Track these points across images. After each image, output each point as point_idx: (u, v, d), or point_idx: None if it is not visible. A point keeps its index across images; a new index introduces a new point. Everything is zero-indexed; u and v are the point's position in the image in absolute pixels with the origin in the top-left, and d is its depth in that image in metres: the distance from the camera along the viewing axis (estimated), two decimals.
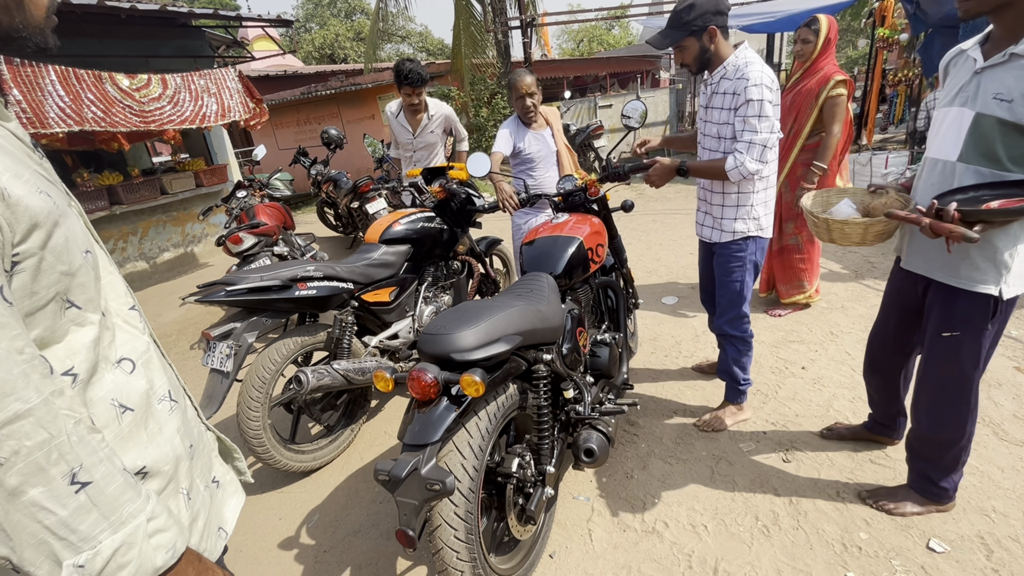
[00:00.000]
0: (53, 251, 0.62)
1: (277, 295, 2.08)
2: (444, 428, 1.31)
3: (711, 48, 1.91)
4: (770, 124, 1.85)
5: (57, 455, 0.55)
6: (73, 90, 3.94)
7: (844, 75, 2.76)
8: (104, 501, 0.58)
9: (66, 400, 0.58)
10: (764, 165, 1.89)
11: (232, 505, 0.91)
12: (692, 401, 2.56)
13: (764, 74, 1.82)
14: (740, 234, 2.05)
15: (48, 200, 0.62)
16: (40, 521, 0.53)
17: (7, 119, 0.67)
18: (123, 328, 0.75)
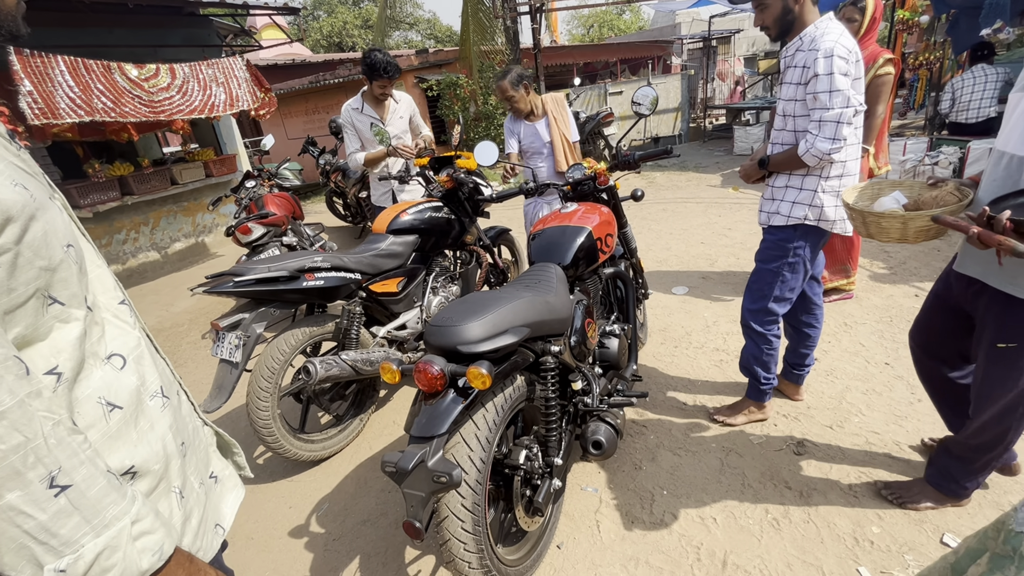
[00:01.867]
0: (30, 246, 0.60)
1: (285, 286, 2.08)
2: (451, 420, 1.30)
3: (795, 9, 1.75)
4: (843, 98, 1.68)
5: (34, 458, 0.54)
6: (83, 80, 3.95)
7: (891, 54, 2.67)
8: (86, 504, 0.58)
9: (44, 401, 0.57)
10: (840, 143, 1.72)
11: (230, 501, 0.91)
12: (703, 393, 2.53)
13: (839, 44, 1.66)
14: (794, 220, 1.89)
15: (24, 193, 0.60)
16: (19, 526, 0.53)
17: None
18: (113, 323, 0.74)
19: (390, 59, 3.11)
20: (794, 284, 1.99)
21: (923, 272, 3.48)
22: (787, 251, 1.95)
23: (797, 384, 2.35)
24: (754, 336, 2.10)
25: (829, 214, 1.87)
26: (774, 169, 1.95)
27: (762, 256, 2.05)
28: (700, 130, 11.63)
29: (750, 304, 2.10)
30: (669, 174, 7.97)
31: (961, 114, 5.01)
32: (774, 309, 2.03)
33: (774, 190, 1.99)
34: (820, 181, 1.85)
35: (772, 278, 2.00)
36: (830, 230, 1.90)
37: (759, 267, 2.06)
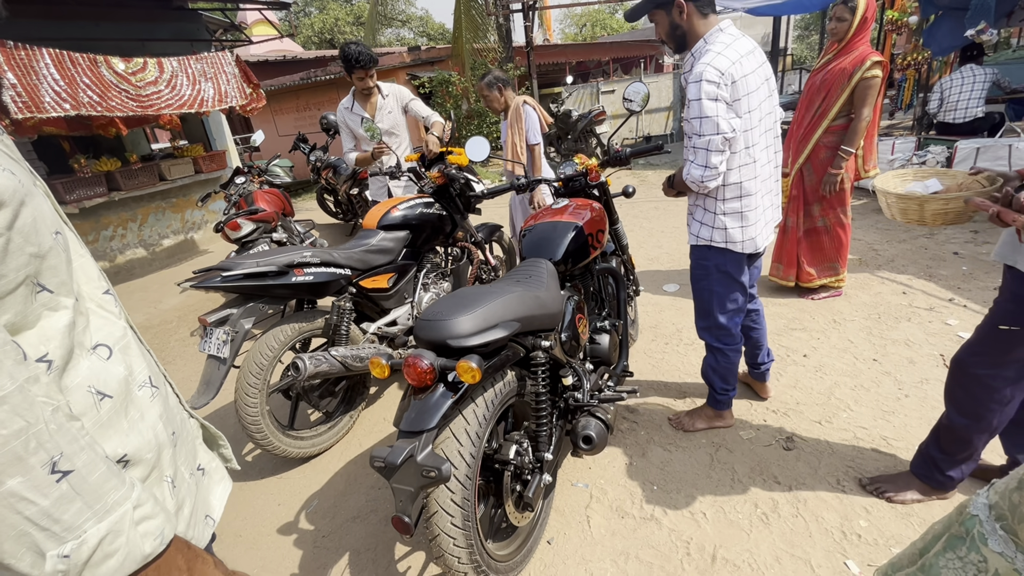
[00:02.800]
0: (20, 232, 0.59)
1: (274, 281, 2.06)
2: (440, 415, 1.29)
3: (681, 24, 1.71)
4: (712, 125, 1.62)
5: (36, 443, 0.53)
6: (68, 74, 3.89)
7: (880, 56, 2.67)
8: (87, 489, 0.57)
9: (42, 387, 0.56)
10: (712, 171, 1.68)
11: (218, 493, 0.90)
12: (692, 389, 2.54)
13: (709, 66, 1.60)
14: (703, 241, 1.90)
15: (12, 178, 0.59)
16: (20, 512, 0.52)
17: None
18: (97, 313, 0.73)
19: (364, 49, 3.11)
20: (732, 296, 1.97)
21: (911, 269, 3.52)
22: (707, 269, 1.95)
23: (762, 381, 2.36)
24: (712, 350, 2.09)
25: (735, 236, 1.83)
26: (677, 188, 1.94)
27: (692, 275, 2.05)
28: None
29: (700, 322, 2.09)
30: (661, 172, 8.00)
31: (949, 114, 5.07)
32: (723, 323, 2.01)
33: (689, 207, 1.99)
34: (718, 203, 1.82)
35: (707, 295, 1.99)
36: (740, 251, 1.86)
37: (693, 286, 2.06)
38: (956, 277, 3.32)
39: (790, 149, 3.07)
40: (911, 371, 2.45)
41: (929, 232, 4.16)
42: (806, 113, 2.97)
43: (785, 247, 3.26)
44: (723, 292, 1.96)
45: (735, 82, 1.64)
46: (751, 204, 1.81)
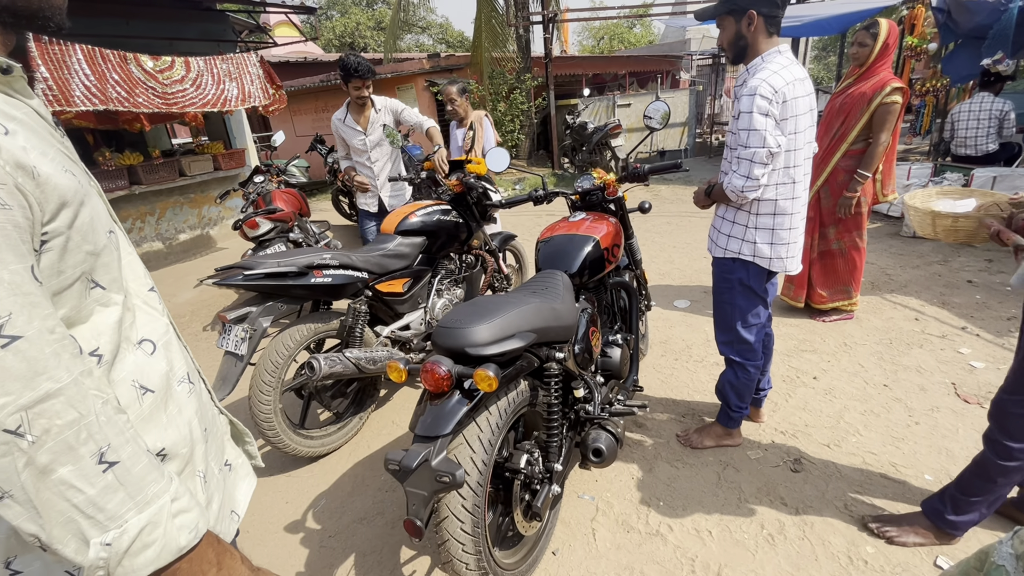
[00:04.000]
0: (79, 230, 0.63)
1: (293, 281, 2.10)
2: (456, 421, 1.31)
3: (747, 35, 1.75)
4: (759, 138, 1.67)
5: (86, 434, 0.56)
6: (98, 69, 3.99)
7: (901, 83, 2.69)
8: (131, 480, 0.59)
9: (94, 380, 0.59)
10: (753, 183, 1.72)
11: (244, 489, 0.92)
12: (701, 407, 2.55)
13: (766, 82, 1.66)
14: (730, 253, 1.92)
15: (73, 179, 0.63)
16: (69, 499, 0.54)
17: (30, 96, 0.66)
18: (143, 309, 0.76)
19: (362, 60, 3.18)
20: (753, 310, 1.98)
21: (924, 296, 3.50)
22: (731, 283, 1.96)
23: (757, 407, 2.36)
24: (733, 365, 2.09)
25: (764, 251, 1.85)
26: (715, 199, 1.97)
27: (715, 288, 2.07)
28: (706, 145, 11.70)
29: (721, 336, 2.10)
30: (674, 188, 8.02)
31: (960, 148, 5.04)
32: (745, 336, 2.02)
33: (715, 218, 2.02)
34: (751, 217, 1.85)
35: (730, 309, 2.01)
36: (767, 268, 1.88)
37: (715, 300, 2.08)
38: (970, 305, 3.30)
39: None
40: (922, 398, 2.44)
41: (943, 259, 4.14)
42: (824, 136, 2.98)
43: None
44: (746, 306, 1.98)
45: (786, 102, 1.69)
46: (784, 223, 1.84)
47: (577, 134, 8.92)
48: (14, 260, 0.53)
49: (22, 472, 0.52)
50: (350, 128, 3.42)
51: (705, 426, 2.30)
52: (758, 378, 2.26)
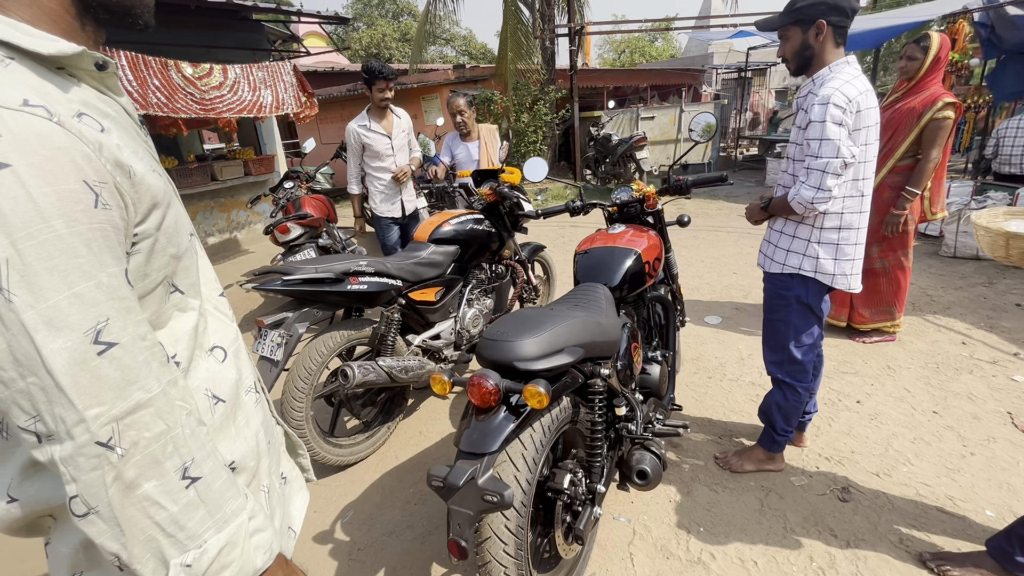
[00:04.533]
0: (166, 232, 0.60)
1: (330, 287, 2.08)
2: (503, 438, 1.27)
3: (814, 45, 1.70)
4: (832, 148, 1.61)
5: (172, 448, 0.53)
6: (141, 75, 4.09)
7: (953, 97, 2.60)
8: (211, 498, 0.56)
9: (179, 390, 0.56)
10: (824, 194, 1.65)
11: (298, 503, 0.89)
12: (738, 428, 2.46)
13: (839, 91, 1.61)
14: (789, 269, 1.84)
15: (160, 179, 0.61)
16: (151, 516, 0.51)
17: (119, 93, 0.64)
18: (214, 315, 0.74)
19: (385, 63, 3.29)
20: (809, 329, 1.91)
21: (970, 319, 3.36)
22: (788, 300, 1.89)
23: (801, 431, 2.27)
24: (782, 386, 2.00)
25: (827, 267, 1.78)
26: (773, 212, 1.90)
27: (767, 305, 1.99)
28: (730, 159, 11.58)
29: (771, 356, 2.02)
30: (699, 202, 7.92)
31: (1004, 166, 4.88)
32: (797, 356, 1.93)
33: (771, 233, 1.95)
34: (815, 231, 1.78)
35: (784, 327, 1.93)
36: (830, 284, 1.81)
37: (767, 316, 2.00)
38: (1021, 331, 3.15)
39: None
40: (976, 428, 2.32)
41: (987, 280, 3.99)
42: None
43: None
44: (801, 325, 1.90)
45: (859, 112, 1.65)
46: (849, 238, 1.77)
47: (601, 146, 8.90)
48: (112, 263, 0.51)
49: (110, 487, 0.49)
50: (375, 133, 3.40)
51: (745, 449, 2.21)
52: (807, 400, 2.18)
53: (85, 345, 0.48)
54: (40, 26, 0.54)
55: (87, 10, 0.60)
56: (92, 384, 0.48)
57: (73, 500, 0.49)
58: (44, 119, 0.48)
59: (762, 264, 1.99)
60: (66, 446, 0.48)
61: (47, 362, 0.46)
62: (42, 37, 0.53)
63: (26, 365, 0.46)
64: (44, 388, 0.46)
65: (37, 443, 0.48)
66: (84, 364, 0.48)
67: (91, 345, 0.48)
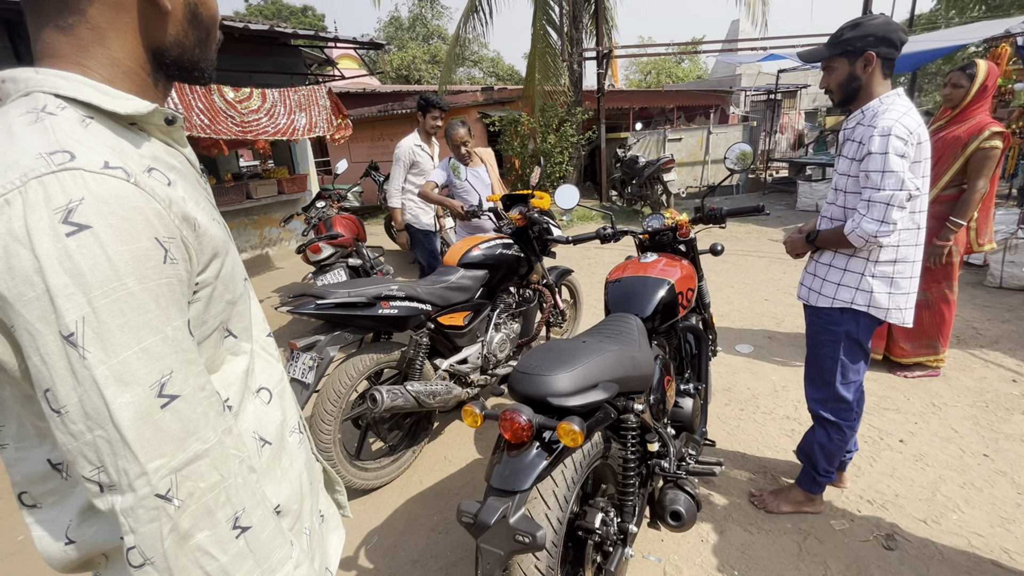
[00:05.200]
0: (223, 280, 0.62)
1: (361, 312, 2.11)
2: (536, 476, 1.24)
3: (861, 77, 1.67)
4: (897, 180, 1.57)
5: (225, 497, 0.53)
6: (186, 99, 4.28)
7: (1001, 127, 2.53)
8: (260, 547, 0.56)
9: (233, 438, 0.57)
10: (888, 227, 1.60)
11: (335, 542, 0.88)
12: (773, 464, 2.37)
13: (899, 123, 1.58)
14: (840, 303, 1.78)
15: (220, 228, 0.62)
16: (203, 567, 0.51)
17: (184, 144, 0.67)
18: (261, 356, 0.74)
19: (440, 96, 3.67)
20: (856, 365, 1.85)
21: (1020, 354, 3.20)
22: (837, 335, 1.82)
23: (841, 471, 2.17)
24: (826, 425, 1.92)
25: (881, 301, 1.73)
26: (821, 245, 1.84)
27: (812, 340, 1.92)
28: (760, 182, 11.42)
29: (815, 393, 1.94)
30: (729, 225, 7.80)
31: None
32: (843, 395, 1.86)
33: (818, 266, 1.88)
34: (868, 264, 1.73)
35: (831, 364, 1.86)
36: (884, 319, 1.76)
37: (812, 352, 1.93)
38: None
39: None
40: None
41: None
42: None
43: None
44: (849, 361, 1.84)
45: (920, 144, 1.62)
46: (904, 271, 1.73)
47: (628, 167, 8.89)
48: (177, 315, 0.52)
49: (166, 538, 0.49)
50: (426, 153, 3.74)
51: (783, 488, 2.13)
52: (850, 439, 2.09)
53: (150, 399, 0.48)
54: (118, 85, 0.57)
55: (160, 67, 0.63)
56: (154, 437, 0.48)
57: (131, 551, 0.49)
58: (122, 180, 0.50)
59: (805, 297, 1.93)
60: (127, 498, 0.48)
61: (114, 416, 0.47)
62: (120, 97, 0.55)
63: (95, 419, 0.47)
64: (110, 441, 0.47)
65: (99, 492, 0.49)
66: (148, 417, 0.48)
67: (155, 399, 0.49)
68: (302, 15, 31.70)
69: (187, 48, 0.64)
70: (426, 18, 29.22)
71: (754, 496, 2.14)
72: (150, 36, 0.60)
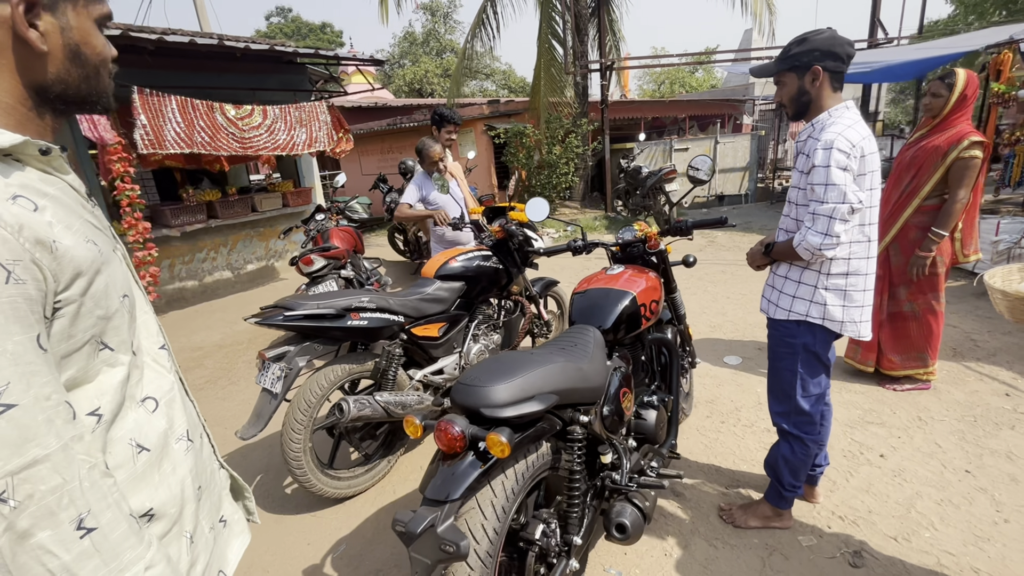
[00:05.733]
0: (93, 297, 0.66)
1: (331, 323, 2.15)
2: (466, 486, 1.26)
3: (810, 91, 1.69)
4: (838, 193, 1.57)
5: (68, 500, 0.57)
6: (188, 117, 4.44)
7: (981, 136, 2.49)
8: (107, 547, 0.60)
9: (84, 444, 0.61)
10: (832, 240, 1.60)
11: (236, 546, 0.91)
12: (748, 479, 2.34)
13: (842, 136, 1.59)
14: (796, 315, 1.77)
15: (94, 248, 0.67)
16: (44, 564, 0.55)
17: (66, 172, 0.72)
18: (151, 367, 0.79)
19: (453, 111, 3.74)
20: (816, 379, 1.84)
21: (1017, 367, 3.11)
22: (794, 348, 1.81)
23: (812, 485, 2.14)
24: (789, 438, 1.91)
25: (835, 314, 1.72)
26: (777, 258, 1.84)
27: (772, 352, 1.92)
28: (768, 191, 11.31)
29: (777, 406, 1.93)
30: (732, 235, 7.74)
31: None
32: (804, 408, 1.85)
33: (775, 278, 1.89)
34: (821, 277, 1.73)
35: (790, 376, 1.85)
36: (839, 331, 1.75)
37: (773, 365, 1.92)
38: None
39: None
40: (1014, 491, 2.12)
41: None
42: (894, 190, 2.79)
43: None
44: (808, 374, 1.83)
45: (864, 156, 1.63)
46: (858, 284, 1.73)
47: (631, 178, 8.89)
48: (19, 331, 0.56)
49: (1, 536, 0.53)
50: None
51: (752, 503, 2.10)
52: (816, 453, 2.06)
53: None
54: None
55: (45, 102, 0.68)
56: None
57: None
58: None
59: (765, 310, 1.93)
60: None
61: None
62: None
63: None
64: None
65: None
66: None
67: None
68: (320, 32, 32.55)
69: (71, 84, 0.69)
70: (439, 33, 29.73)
71: (723, 510, 2.12)
72: (28, 75, 0.65)
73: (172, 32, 4.58)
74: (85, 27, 0.68)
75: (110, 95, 0.75)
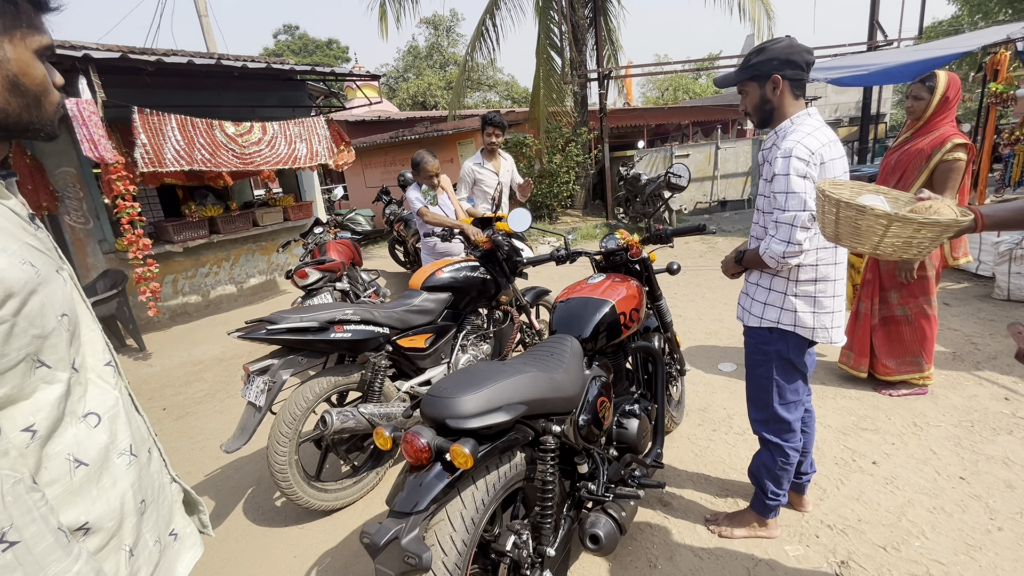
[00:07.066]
0: (27, 317, 0.68)
1: (314, 336, 2.17)
2: (431, 497, 1.26)
3: (772, 99, 1.71)
4: (799, 201, 1.57)
5: None
6: (188, 135, 4.53)
7: (964, 138, 2.47)
8: (30, 561, 0.61)
9: (9, 460, 0.62)
10: (795, 247, 1.60)
11: (186, 559, 0.92)
12: (738, 488, 2.31)
13: (801, 144, 1.59)
14: (768, 322, 1.78)
15: (30, 270, 0.69)
16: None
17: (7, 198, 0.74)
18: (95, 383, 0.80)
19: (498, 114, 3.86)
20: (792, 385, 1.83)
21: (1018, 371, 3.05)
22: (768, 355, 1.81)
23: (800, 494, 2.11)
24: (769, 446, 1.89)
25: (806, 320, 1.72)
26: (747, 265, 1.85)
27: (748, 360, 1.91)
28: None
29: (756, 414, 1.92)
30: (732, 239, 7.70)
31: None
32: (783, 415, 1.84)
33: (748, 285, 1.89)
34: (790, 284, 1.73)
35: (766, 384, 1.84)
36: (811, 338, 1.74)
37: (749, 373, 1.91)
38: None
39: None
40: (1009, 498, 2.07)
41: None
42: None
43: (857, 334, 2.97)
44: (784, 381, 1.82)
45: (823, 163, 1.62)
46: (827, 290, 1.72)
47: (631, 185, 8.90)
48: None
49: None
50: (488, 171, 4.02)
51: (738, 512, 2.07)
52: (798, 460, 2.03)
53: None
54: None
55: None
56: None
57: None
58: None
59: (741, 317, 1.92)
60: None
61: None
62: None
63: None
64: None
65: None
66: None
67: None
68: (327, 48, 33.10)
69: (11, 114, 0.71)
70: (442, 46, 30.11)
71: (709, 520, 2.10)
72: None
73: (172, 53, 4.69)
74: (24, 59, 0.71)
75: (55, 122, 0.77)
